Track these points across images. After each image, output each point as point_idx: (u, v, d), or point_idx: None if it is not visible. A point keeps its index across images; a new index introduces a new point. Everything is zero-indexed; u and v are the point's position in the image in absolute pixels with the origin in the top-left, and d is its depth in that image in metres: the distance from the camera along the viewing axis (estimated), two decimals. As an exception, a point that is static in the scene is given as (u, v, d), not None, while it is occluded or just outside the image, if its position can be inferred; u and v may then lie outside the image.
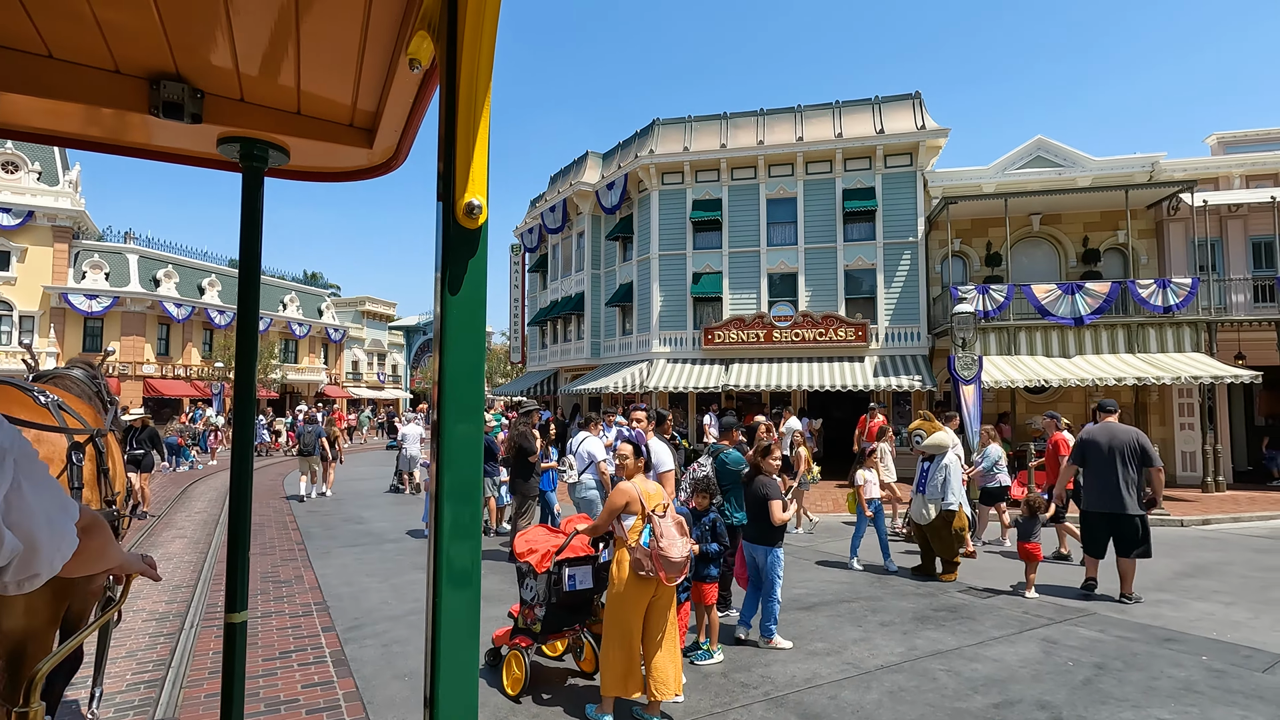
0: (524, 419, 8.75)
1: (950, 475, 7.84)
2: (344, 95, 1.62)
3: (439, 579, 1.01)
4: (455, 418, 1.00)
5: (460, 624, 1.02)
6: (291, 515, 12.41)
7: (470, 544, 1.03)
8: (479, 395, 1.04)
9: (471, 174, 1.01)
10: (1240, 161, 16.65)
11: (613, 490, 4.38)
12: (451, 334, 1.01)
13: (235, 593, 1.72)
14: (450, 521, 1.00)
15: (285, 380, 39.81)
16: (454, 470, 1.00)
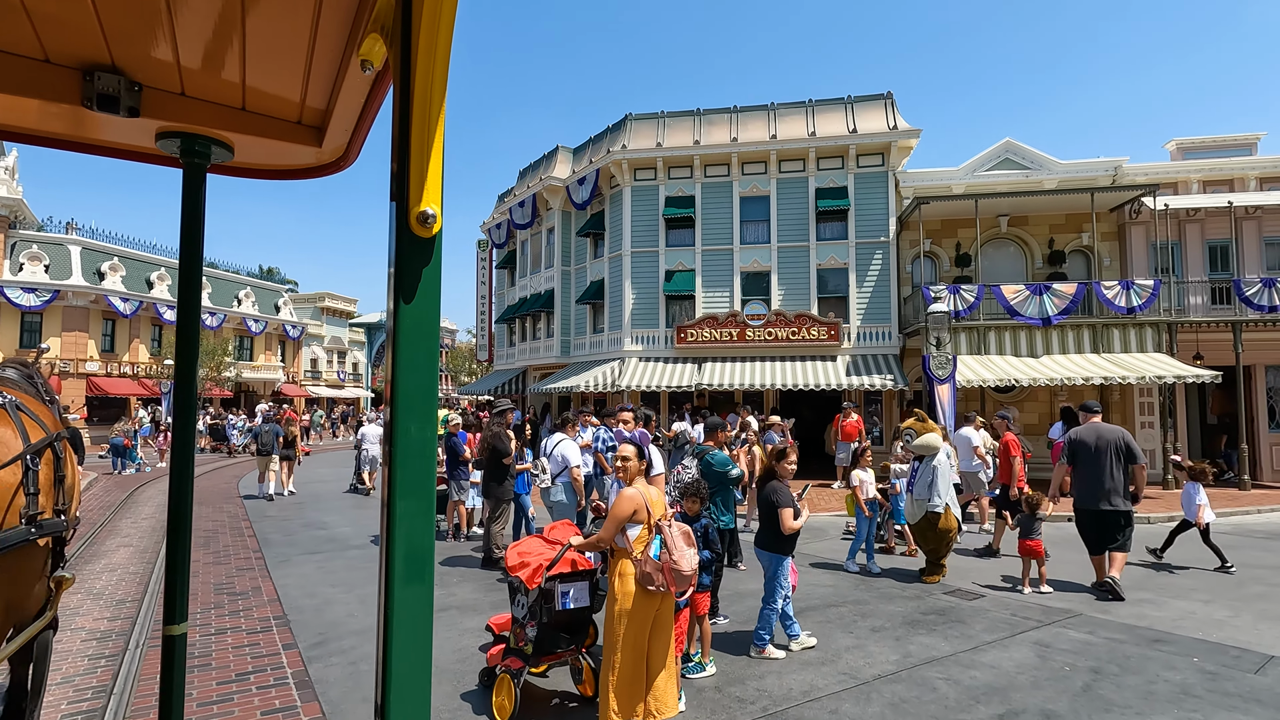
0: (497, 419, 8.37)
1: (938, 475, 7.73)
2: (292, 92, 1.57)
3: (390, 582, 0.98)
4: (408, 432, 0.98)
5: (412, 628, 1.00)
6: (248, 520, 11.78)
7: (422, 563, 1.00)
8: (432, 405, 1.02)
9: (426, 183, 0.99)
10: (1199, 167, 17.13)
11: (618, 497, 4.06)
12: (405, 343, 1.00)
13: (175, 602, 1.62)
14: (403, 536, 0.98)
15: (240, 378, 38.38)
16: (407, 480, 0.98)
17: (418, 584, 1.00)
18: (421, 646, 1.01)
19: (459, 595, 7.27)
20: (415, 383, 1.00)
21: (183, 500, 1.66)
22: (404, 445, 0.98)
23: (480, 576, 8.03)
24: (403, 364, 0.99)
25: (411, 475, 0.99)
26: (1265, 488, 15.44)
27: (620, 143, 20.29)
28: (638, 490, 4.05)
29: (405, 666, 0.99)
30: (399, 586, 0.98)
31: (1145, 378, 14.02)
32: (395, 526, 0.98)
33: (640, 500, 4.00)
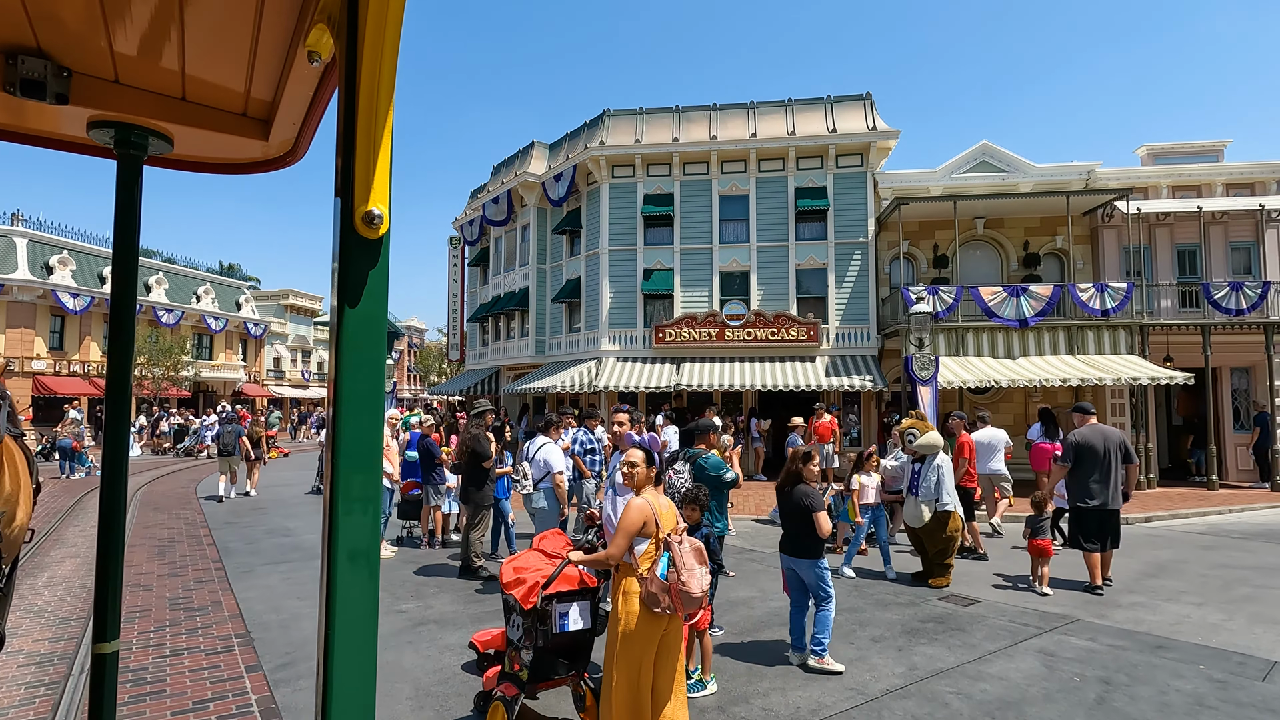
0: (476, 421, 7.96)
1: (944, 476, 7.59)
2: (235, 83, 1.51)
3: (332, 592, 0.94)
4: (353, 441, 0.95)
5: (357, 639, 0.95)
6: (206, 527, 11.15)
7: (367, 571, 0.96)
8: (378, 411, 0.98)
9: (373, 182, 0.95)
10: (1168, 172, 17.43)
11: (626, 507, 3.73)
12: (349, 348, 0.95)
13: (106, 616, 1.50)
14: (346, 546, 0.95)
15: (199, 378, 36.99)
16: (351, 490, 0.95)
17: (362, 594, 0.96)
18: (366, 658, 0.96)
19: (437, 608, 6.86)
20: (360, 388, 0.96)
21: (115, 505, 1.55)
22: (348, 453, 0.95)
23: (458, 587, 7.62)
24: (346, 369, 0.95)
25: (356, 485, 0.95)
26: (1231, 487, 15.76)
27: (598, 139, 19.93)
28: (647, 500, 3.72)
29: (348, 680, 0.94)
30: (341, 595, 0.94)
31: (1121, 379, 14.16)
32: (338, 536, 0.94)
33: (649, 511, 3.68)
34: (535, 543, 4.72)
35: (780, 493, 5.62)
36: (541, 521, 7.12)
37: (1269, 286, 15.52)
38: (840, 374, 17.42)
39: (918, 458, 7.96)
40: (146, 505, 13.42)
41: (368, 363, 0.96)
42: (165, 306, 35.54)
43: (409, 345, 64.87)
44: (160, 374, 31.46)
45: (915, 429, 7.91)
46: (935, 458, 7.71)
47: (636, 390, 18.25)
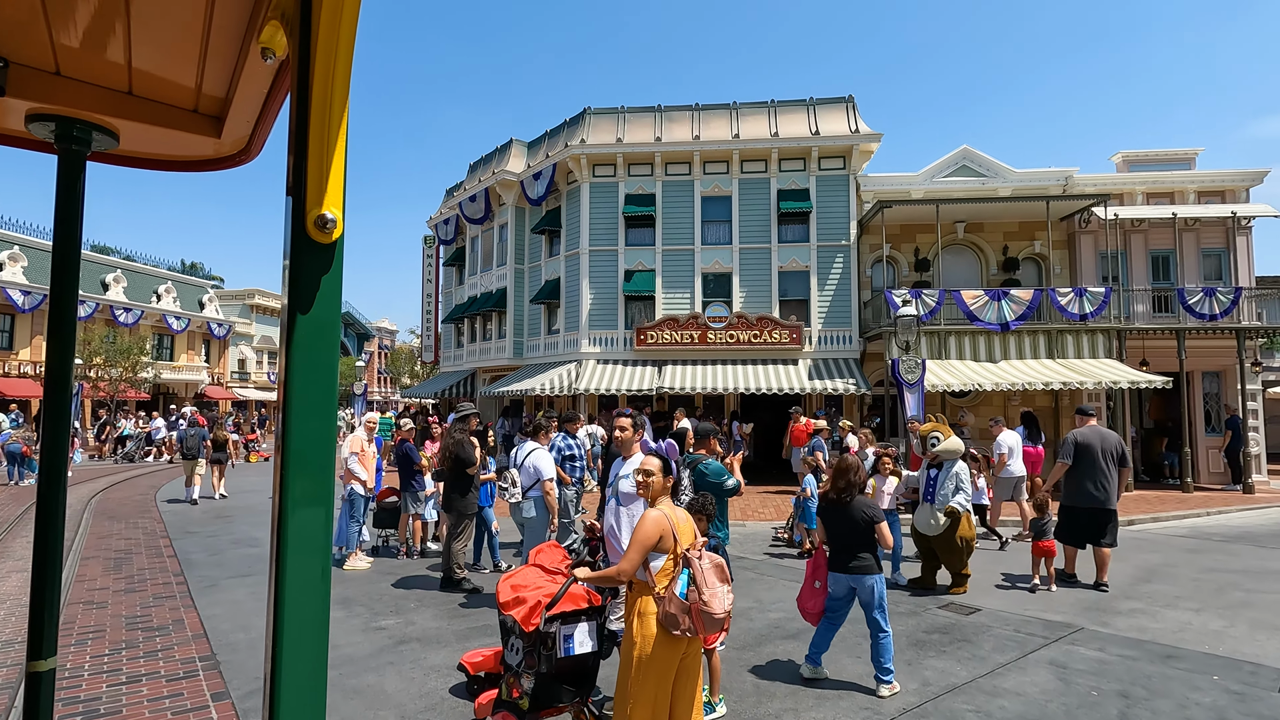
0: (460, 425, 7.57)
1: (963, 483, 7.43)
2: (186, 78, 1.45)
3: (281, 605, 0.90)
4: (304, 451, 0.92)
5: (306, 655, 0.91)
6: (167, 537, 10.53)
7: (317, 583, 0.93)
8: (330, 420, 0.94)
9: (326, 184, 0.92)
10: (1143, 179, 17.70)
11: (641, 520, 3.41)
12: (300, 355, 0.92)
13: (42, 632, 1.41)
14: (297, 561, 0.91)
15: (159, 380, 35.65)
16: (301, 504, 0.91)
17: (312, 607, 0.92)
18: (316, 674, 0.93)
19: (419, 624, 6.45)
20: (311, 395, 0.93)
21: (53, 511, 1.48)
22: (299, 460, 0.92)
23: (441, 601, 7.21)
24: (297, 375, 0.92)
25: (306, 493, 0.92)
26: (1204, 489, 16.00)
27: (579, 137, 19.59)
28: (663, 512, 3.41)
29: (298, 694, 0.90)
30: (290, 609, 0.90)
31: (1101, 383, 14.27)
32: (287, 547, 0.91)
33: (667, 525, 3.37)
34: (531, 558, 4.38)
35: (830, 505, 5.19)
36: (531, 532, 6.76)
37: (1240, 292, 15.81)
38: (823, 377, 17.31)
39: (935, 463, 7.79)
40: (102, 514, 12.70)
41: (319, 369, 0.93)
42: (123, 305, 34.21)
43: (379, 347, 63.59)
44: (118, 375, 30.21)
45: (938, 433, 7.73)
46: (954, 464, 7.54)
47: (617, 393, 17.94)
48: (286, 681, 0.90)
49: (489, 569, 8.52)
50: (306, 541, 0.92)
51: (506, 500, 6.85)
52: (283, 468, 0.92)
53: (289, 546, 0.91)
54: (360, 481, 8.81)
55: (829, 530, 5.19)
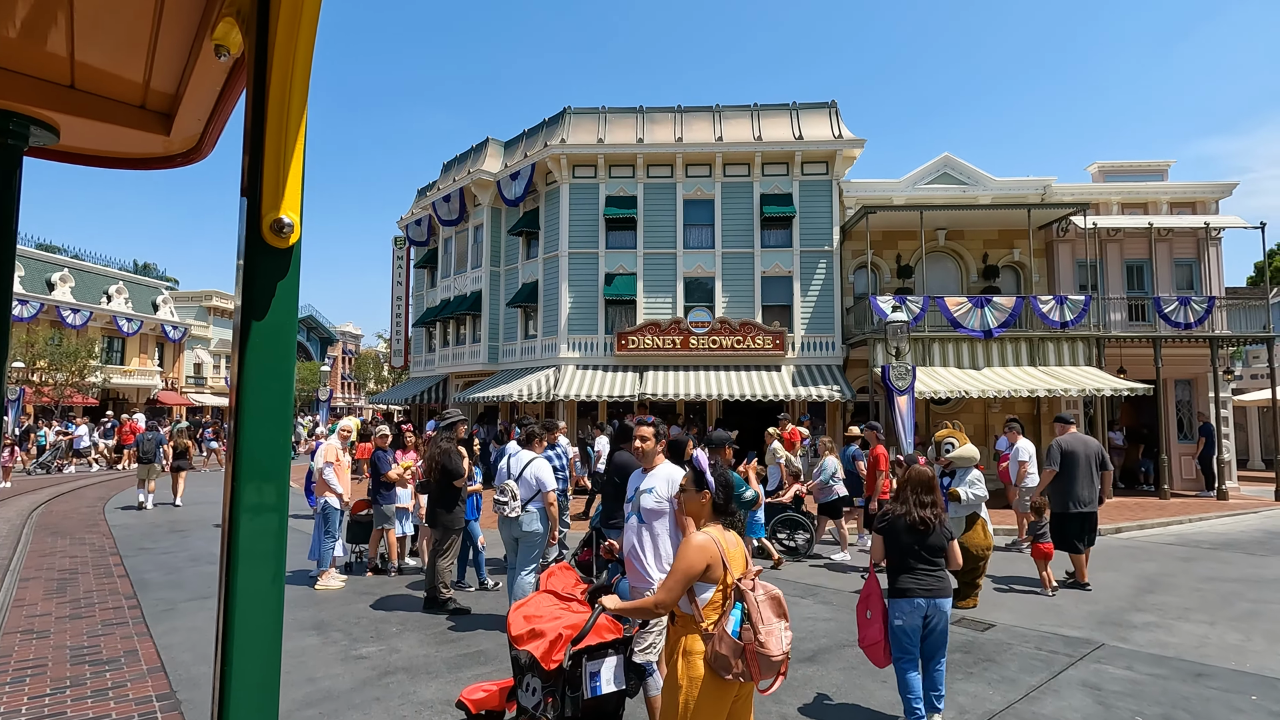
0: (447, 433, 7.03)
1: (979, 491, 7.17)
2: (133, 73, 1.36)
3: (230, 626, 0.87)
4: (255, 465, 0.88)
5: (257, 681, 0.87)
6: (117, 555, 9.72)
7: (269, 601, 0.89)
8: (285, 430, 0.91)
9: (283, 188, 0.89)
10: (1118, 189, 17.96)
11: (683, 545, 2.97)
12: (254, 362, 0.88)
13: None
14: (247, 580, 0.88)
15: (108, 384, 33.94)
16: (253, 521, 0.88)
17: (265, 627, 0.88)
18: (268, 694, 0.88)
19: (404, 651, 5.90)
20: (266, 405, 0.89)
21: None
22: (252, 472, 0.88)
23: (426, 624, 6.66)
24: (251, 385, 0.88)
25: (260, 507, 0.89)
26: (1180, 495, 16.20)
27: (559, 136, 19.12)
28: (711, 537, 2.97)
29: (247, 709, 0.87)
30: (241, 625, 0.87)
31: (1085, 390, 14.31)
32: (238, 565, 0.87)
33: (715, 550, 2.93)
34: (543, 582, 3.91)
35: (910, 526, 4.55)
36: (529, 548, 6.27)
37: (1213, 301, 16.08)
38: (807, 384, 17.10)
39: (947, 471, 7.53)
40: (44, 529, 11.75)
41: (274, 377, 0.90)
42: (71, 306, 32.53)
43: (344, 352, 61.89)
44: (64, 380, 28.61)
45: (952, 439, 7.47)
46: (969, 472, 7.29)
47: (597, 400, 17.47)
48: (236, 695, 0.86)
49: (474, 587, 7.98)
50: (259, 554, 0.88)
51: (505, 514, 6.34)
52: (234, 479, 0.88)
53: (240, 559, 0.87)
54: (336, 494, 8.20)
55: (900, 551, 4.53)
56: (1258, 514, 14.25)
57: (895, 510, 4.66)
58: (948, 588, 4.45)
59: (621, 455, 6.07)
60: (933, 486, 4.65)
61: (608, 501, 6.07)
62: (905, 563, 4.49)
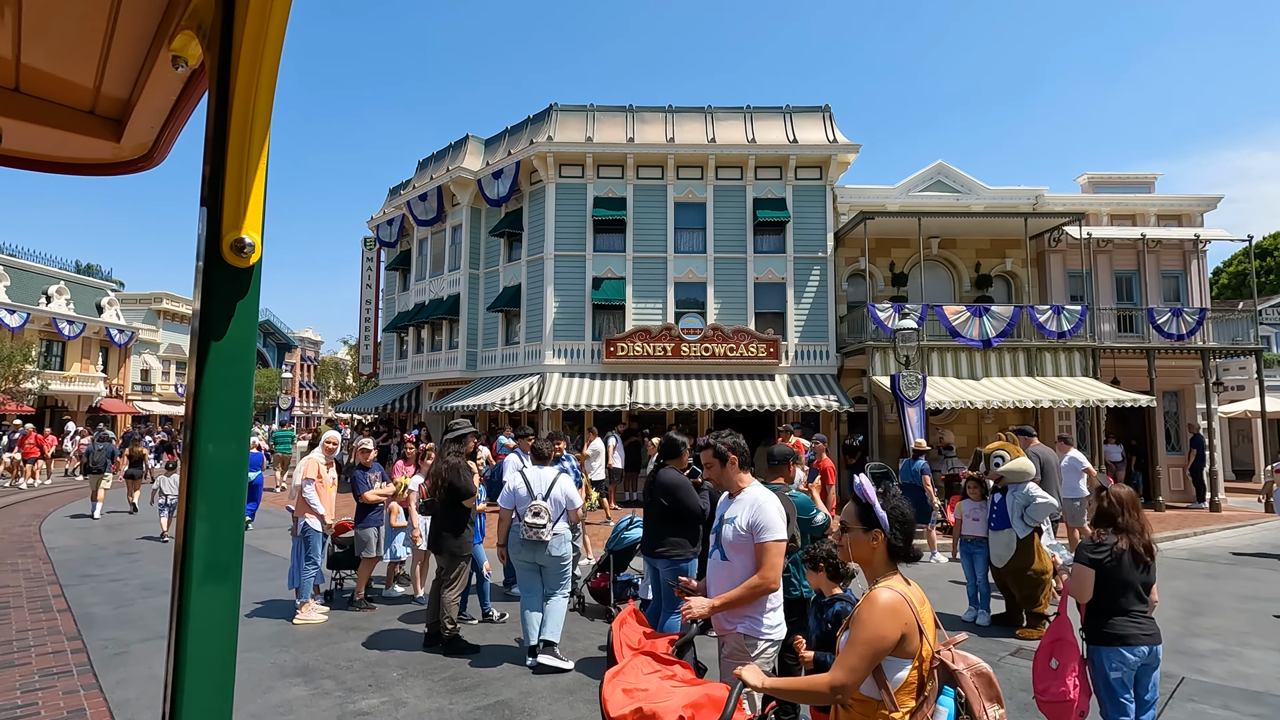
0: (455, 446, 6.17)
1: (1036, 508, 6.59)
2: (82, 78, 1.33)
3: (181, 662, 0.84)
4: (211, 487, 0.86)
5: (208, 692, 0.85)
6: (57, 583, 8.53)
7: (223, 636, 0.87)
8: (243, 454, 0.89)
9: (245, 208, 0.87)
10: (1108, 201, 18.00)
11: (868, 604, 2.21)
12: (211, 385, 0.86)
13: None
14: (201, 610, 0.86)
15: (46, 391, 31.64)
16: (210, 541, 0.86)
17: (218, 652, 0.86)
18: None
19: (412, 704, 5.01)
20: (223, 425, 0.87)
21: None
22: (208, 494, 0.86)
23: (431, 667, 5.77)
24: (209, 403, 0.86)
25: (216, 530, 0.87)
26: (1173, 508, 16.13)
27: (545, 134, 18.32)
28: (900, 594, 2.23)
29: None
30: (194, 656, 0.84)
31: (1089, 400, 14.09)
32: (190, 597, 0.85)
33: (909, 614, 2.18)
34: (616, 635, 3.15)
35: (1118, 554, 3.75)
36: (556, 575, 5.49)
37: (1205, 313, 16.12)
38: (802, 393, 16.58)
39: (999, 486, 6.96)
40: (-31, 553, 10.40)
41: (232, 396, 0.88)
42: (6, 307, 30.29)
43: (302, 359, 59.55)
44: (-4, 385, 26.49)
45: (1003, 452, 6.90)
46: (1024, 486, 6.72)
47: (584, 409, 16.65)
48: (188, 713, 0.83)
49: (476, 619, 7.09)
50: (215, 577, 0.86)
51: (540, 537, 5.54)
52: (189, 501, 0.86)
53: (194, 581, 0.85)
54: (317, 515, 7.24)
55: (1118, 589, 3.73)
56: (1254, 526, 14.20)
57: (1113, 540, 3.84)
58: (1101, 630, 3.77)
59: (667, 473, 5.33)
60: (1132, 512, 3.88)
61: (651, 525, 5.32)
62: (1121, 603, 3.71)
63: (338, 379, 49.22)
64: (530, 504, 5.74)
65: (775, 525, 3.33)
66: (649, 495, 5.33)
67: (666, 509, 5.22)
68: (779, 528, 3.33)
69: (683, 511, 5.13)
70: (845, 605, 3.70)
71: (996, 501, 7.11)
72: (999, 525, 7.04)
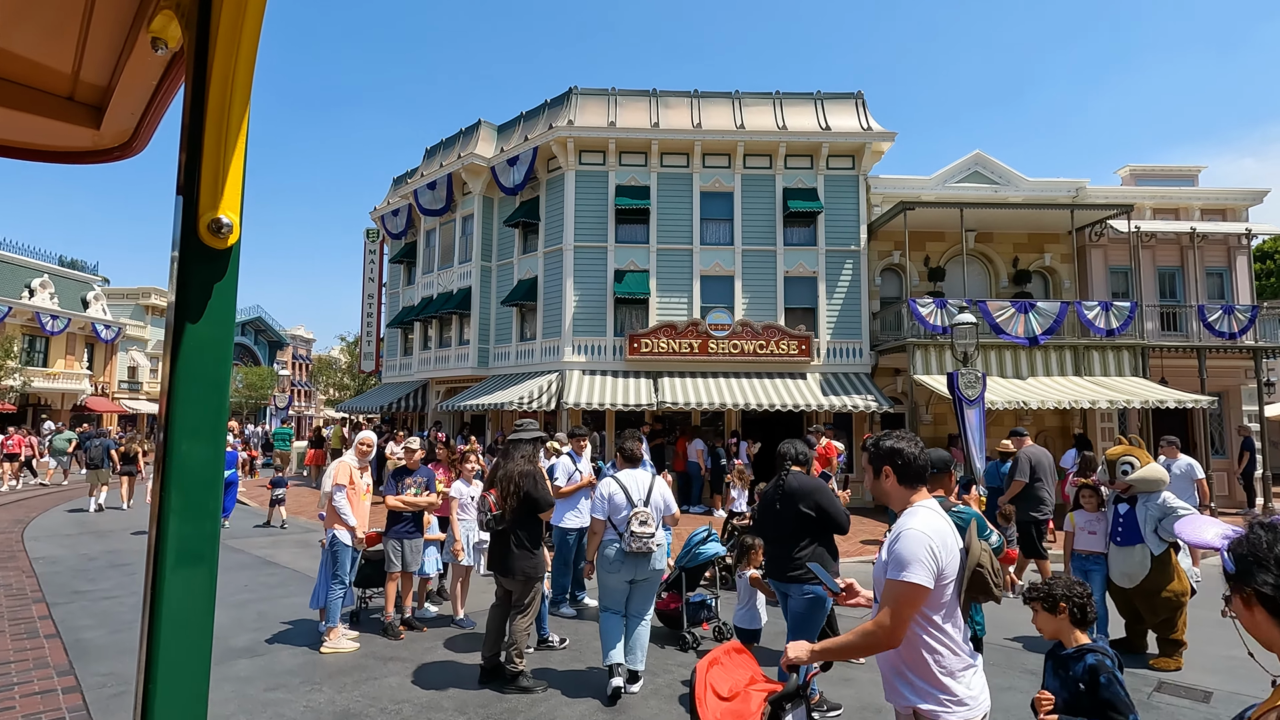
0: (527, 449, 5.25)
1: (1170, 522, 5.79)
2: (60, 63, 1.28)
3: (153, 671, 0.82)
4: (185, 480, 0.84)
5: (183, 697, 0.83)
6: (44, 602, 7.53)
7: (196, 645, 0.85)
8: (219, 442, 0.87)
9: (223, 187, 0.85)
10: (1151, 194, 17.32)
11: None
12: (186, 373, 0.84)
13: None
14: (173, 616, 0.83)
15: (28, 388, 30.31)
16: (184, 536, 0.83)
17: (192, 667, 0.84)
18: None
19: (491, 766, 4.08)
20: (198, 415, 0.84)
21: None
22: (182, 487, 0.83)
23: (496, 709, 4.83)
24: (184, 392, 0.84)
25: (190, 530, 0.84)
26: (1224, 513, 15.43)
27: (565, 118, 17.37)
28: None
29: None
30: (165, 668, 0.82)
31: (1148, 402, 13.36)
32: (163, 597, 0.83)
33: None
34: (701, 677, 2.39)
35: None
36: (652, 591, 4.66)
37: (1256, 310, 15.45)
38: (837, 392, 15.74)
39: (1125, 496, 6.14)
40: (-57, 565, 9.35)
41: (209, 385, 0.85)
42: (-13, 299, 28.99)
43: (294, 357, 58.14)
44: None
45: (1132, 458, 6.06)
46: (1158, 496, 5.90)
47: (605, 409, 15.72)
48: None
49: (533, 647, 6.16)
50: (189, 577, 0.84)
51: (646, 548, 4.69)
52: (162, 498, 0.83)
53: (167, 577, 0.83)
54: (348, 527, 6.29)
55: None
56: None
57: None
58: None
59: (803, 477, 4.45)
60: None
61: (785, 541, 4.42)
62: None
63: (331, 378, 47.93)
64: (634, 511, 4.87)
65: (912, 563, 2.36)
66: (778, 506, 4.44)
67: (812, 520, 4.34)
68: (916, 568, 2.35)
69: (831, 522, 4.25)
70: (1100, 658, 2.84)
71: (1123, 513, 6.29)
72: (1127, 540, 6.21)
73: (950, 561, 2.38)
